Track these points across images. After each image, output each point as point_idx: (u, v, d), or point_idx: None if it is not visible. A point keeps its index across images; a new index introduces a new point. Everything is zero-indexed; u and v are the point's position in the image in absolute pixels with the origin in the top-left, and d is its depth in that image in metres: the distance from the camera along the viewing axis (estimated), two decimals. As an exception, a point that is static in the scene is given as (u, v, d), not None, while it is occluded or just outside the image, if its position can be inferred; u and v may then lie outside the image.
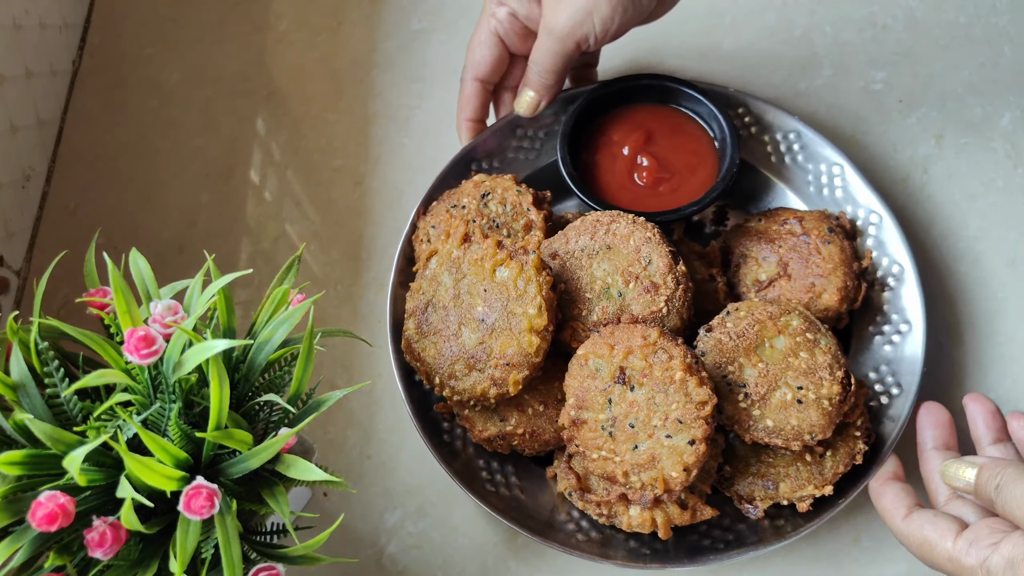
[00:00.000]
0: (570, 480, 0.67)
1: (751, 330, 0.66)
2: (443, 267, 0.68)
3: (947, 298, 0.77)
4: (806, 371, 0.65)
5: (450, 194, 0.76)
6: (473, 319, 0.66)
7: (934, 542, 0.58)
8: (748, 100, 0.79)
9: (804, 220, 0.74)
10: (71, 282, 0.79)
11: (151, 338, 0.50)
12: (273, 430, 0.56)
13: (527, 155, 0.80)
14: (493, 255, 0.66)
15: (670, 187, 0.75)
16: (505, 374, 0.65)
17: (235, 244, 0.84)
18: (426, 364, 0.68)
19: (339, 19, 0.94)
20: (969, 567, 0.56)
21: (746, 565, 0.69)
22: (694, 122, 0.78)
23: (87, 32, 0.95)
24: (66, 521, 0.47)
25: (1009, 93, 0.85)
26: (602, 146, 0.78)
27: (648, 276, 0.66)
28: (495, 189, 0.74)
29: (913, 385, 0.69)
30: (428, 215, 0.75)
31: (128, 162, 0.88)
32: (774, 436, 0.64)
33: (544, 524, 0.68)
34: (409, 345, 0.69)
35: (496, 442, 0.69)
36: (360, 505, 0.73)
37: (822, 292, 0.71)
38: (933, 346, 0.75)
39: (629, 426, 0.62)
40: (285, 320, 0.55)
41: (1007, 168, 0.82)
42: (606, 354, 0.63)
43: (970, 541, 0.57)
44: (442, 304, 0.68)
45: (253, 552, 0.54)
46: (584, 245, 0.68)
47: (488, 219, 0.73)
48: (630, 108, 0.79)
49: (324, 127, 0.88)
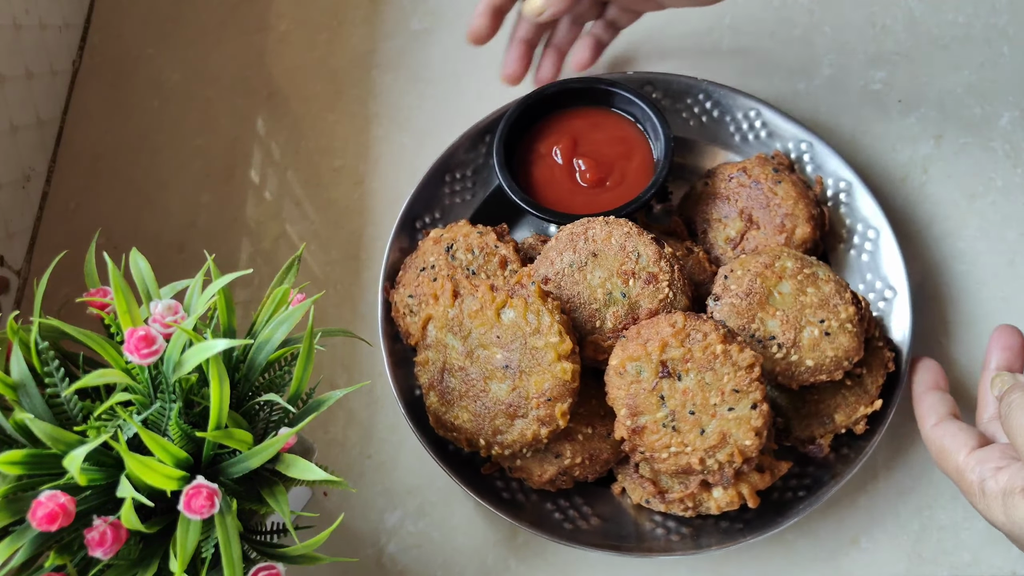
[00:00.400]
0: (645, 488, 0.67)
1: (755, 285, 0.67)
2: (444, 330, 0.66)
3: (947, 297, 0.77)
4: (820, 304, 0.67)
5: (412, 259, 0.75)
6: (496, 369, 0.64)
7: (949, 452, 0.60)
8: (708, 87, 0.81)
9: (747, 169, 0.76)
10: (71, 282, 0.79)
11: (151, 338, 0.51)
12: (273, 430, 0.56)
13: (463, 197, 0.80)
14: (492, 300, 0.64)
15: (615, 179, 0.76)
16: (550, 410, 0.63)
17: (235, 244, 0.84)
18: (464, 431, 0.66)
19: (339, 19, 0.94)
20: (968, 482, 0.58)
21: (746, 565, 0.69)
22: (612, 114, 0.79)
23: (87, 32, 0.95)
24: (66, 521, 0.47)
25: (1008, 93, 0.85)
26: (536, 160, 0.78)
27: (643, 269, 0.66)
28: (456, 238, 0.73)
29: (903, 282, 0.72)
30: (399, 287, 0.74)
31: (128, 162, 0.88)
32: (818, 373, 0.66)
33: (636, 538, 0.67)
34: (438, 419, 0.67)
35: (559, 480, 0.68)
36: (360, 505, 0.73)
37: (794, 228, 0.73)
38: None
39: (689, 414, 0.62)
40: (285, 320, 0.55)
41: (1006, 168, 0.82)
42: (642, 354, 0.63)
43: (979, 460, 0.58)
44: (457, 366, 0.66)
45: (253, 551, 0.55)
46: (571, 260, 0.67)
47: (462, 269, 0.72)
48: (548, 120, 0.79)
49: (324, 127, 0.88)
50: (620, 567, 0.69)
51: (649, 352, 0.62)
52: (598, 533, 0.67)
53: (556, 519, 0.68)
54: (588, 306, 0.66)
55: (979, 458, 0.58)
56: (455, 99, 0.89)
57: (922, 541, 0.69)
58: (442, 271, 0.72)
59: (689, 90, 0.81)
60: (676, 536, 0.67)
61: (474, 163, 0.80)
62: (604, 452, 0.67)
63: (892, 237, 0.74)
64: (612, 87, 0.78)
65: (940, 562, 0.69)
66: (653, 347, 0.62)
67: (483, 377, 0.65)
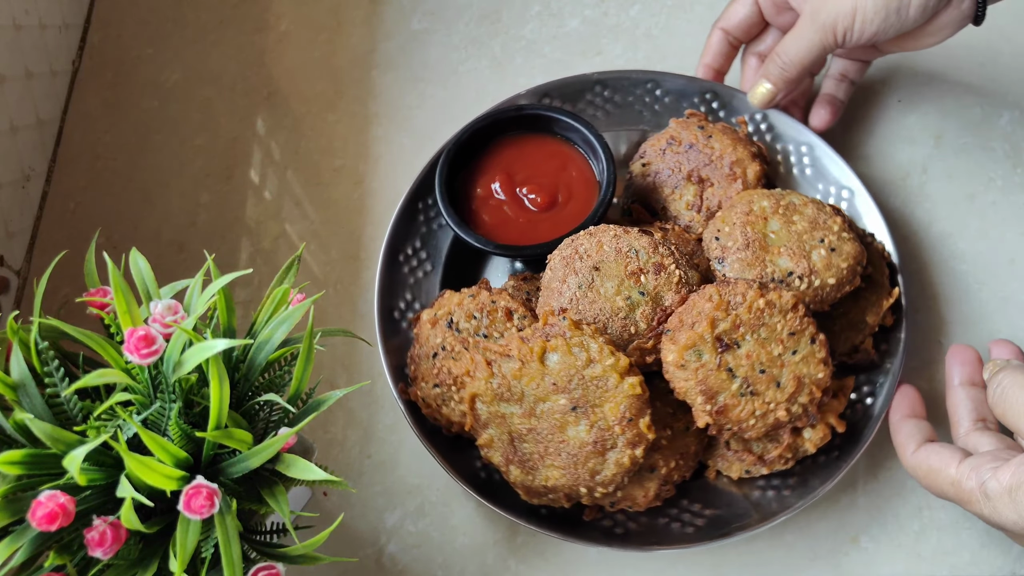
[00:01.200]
0: (744, 460, 0.67)
1: (749, 234, 0.68)
2: (494, 402, 0.63)
3: (947, 297, 0.77)
4: (812, 226, 0.69)
5: (416, 351, 0.71)
6: (566, 415, 0.62)
7: (939, 468, 0.60)
8: (658, 76, 0.82)
9: (674, 136, 0.76)
10: (71, 282, 0.79)
11: (151, 338, 0.51)
12: (273, 430, 0.56)
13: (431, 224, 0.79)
14: (531, 352, 0.62)
15: (565, 195, 0.75)
16: (635, 429, 0.62)
17: (235, 244, 0.84)
18: (559, 488, 0.63)
19: (339, 19, 0.94)
20: (968, 490, 0.57)
21: (746, 564, 0.69)
22: (531, 135, 0.78)
23: (87, 32, 0.95)
24: (66, 520, 0.47)
25: (1008, 93, 0.85)
26: (481, 204, 0.76)
27: (647, 262, 0.66)
28: (451, 311, 0.70)
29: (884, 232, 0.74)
30: (418, 383, 0.70)
31: (128, 162, 0.88)
32: (843, 287, 0.68)
33: (756, 513, 0.67)
34: (528, 488, 0.64)
35: (662, 492, 0.67)
36: (360, 504, 0.73)
37: (744, 170, 0.74)
38: (934, 345, 0.76)
39: (760, 374, 0.63)
40: (285, 320, 0.55)
41: (1006, 168, 0.82)
42: (696, 339, 0.63)
43: (972, 466, 0.58)
44: (525, 430, 0.63)
45: (253, 551, 0.55)
46: (577, 283, 0.66)
47: (472, 337, 0.69)
48: (473, 161, 0.77)
49: (324, 127, 0.88)
50: (620, 566, 0.69)
51: (701, 334, 0.63)
52: (716, 522, 0.67)
53: (674, 529, 0.67)
54: (616, 318, 0.66)
55: (972, 465, 0.58)
56: (455, 99, 0.89)
57: (922, 541, 0.69)
58: (456, 348, 0.69)
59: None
60: (787, 491, 0.68)
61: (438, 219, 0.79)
62: (691, 446, 0.67)
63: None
64: (521, 111, 0.77)
65: (940, 562, 0.69)
66: (702, 328, 0.63)
67: (556, 428, 0.62)
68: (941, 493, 0.61)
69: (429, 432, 0.70)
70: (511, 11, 0.93)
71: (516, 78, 0.89)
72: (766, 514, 0.66)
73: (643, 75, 0.82)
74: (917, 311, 0.77)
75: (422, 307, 0.76)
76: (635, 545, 0.66)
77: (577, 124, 0.76)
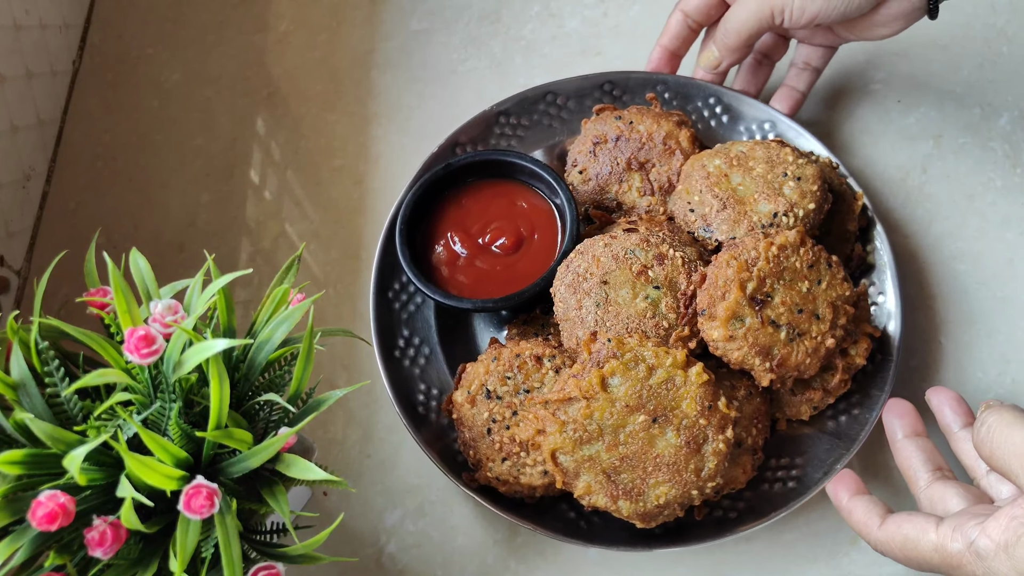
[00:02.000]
0: (811, 399, 0.68)
1: (718, 194, 0.70)
2: (575, 448, 0.61)
3: (946, 297, 0.77)
4: (769, 165, 0.71)
5: (466, 436, 0.68)
6: (649, 430, 0.61)
7: (916, 537, 0.55)
8: (617, 76, 0.82)
9: (595, 137, 0.77)
10: (71, 282, 0.79)
11: (151, 338, 0.51)
12: (273, 429, 0.56)
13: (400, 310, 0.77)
14: (590, 385, 0.61)
15: (528, 230, 0.74)
16: (716, 414, 0.62)
17: (235, 244, 0.84)
18: (671, 502, 0.62)
19: (339, 19, 0.94)
20: (957, 553, 0.52)
21: (745, 564, 0.69)
22: (471, 186, 0.76)
23: (87, 32, 0.95)
24: (66, 520, 0.47)
25: (1007, 93, 0.85)
26: (451, 266, 0.73)
27: (649, 257, 0.66)
28: (484, 382, 0.68)
29: None
30: (483, 464, 0.67)
31: (128, 162, 0.88)
32: (823, 206, 0.70)
33: (840, 442, 0.69)
34: (645, 514, 0.62)
35: (755, 462, 0.67)
36: (360, 504, 0.73)
37: (677, 139, 0.75)
38: (933, 345, 0.76)
39: (799, 313, 0.65)
40: (285, 320, 0.55)
41: (1005, 168, 0.82)
42: (733, 309, 0.64)
43: (953, 526, 0.53)
44: (616, 461, 0.61)
45: (253, 551, 0.55)
46: (594, 302, 0.66)
47: (517, 398, 0.67)
48: (428, 226, 0.75)
49: (324, 127, 0.88)
50: (620, 566, 0.70)
51: (736, 301, 0.64)
52: (801, 484, 0.68)
53: (777, 490, 0.68)
54: (645, 320, 0.65)
55: (953, 525, 0.54)
56: (455, 99, 0.89)
57: (921, 541, 0.69)
58: (507, 415, 0.67)
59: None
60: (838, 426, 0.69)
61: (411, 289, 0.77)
62: (761, 407, 0.68)
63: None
64: (448, 168, 0.75)
65: (939, 562, 0.69)
66: (734, 294, 0.64)
67: (645, 447, 0.61)
68: (923, 563, 0.55)
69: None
70: (511, 11, 0.93)
71: (516, 78, 0.89)
72: (849, 441, 0.68)
73: (539, 91, 0.81)
74: (916, 311, 0.77)
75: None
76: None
77: (505, 158, 0.74)
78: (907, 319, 0.73)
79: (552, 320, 0.72)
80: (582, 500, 0.62)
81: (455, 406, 0.69)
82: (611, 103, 0.81)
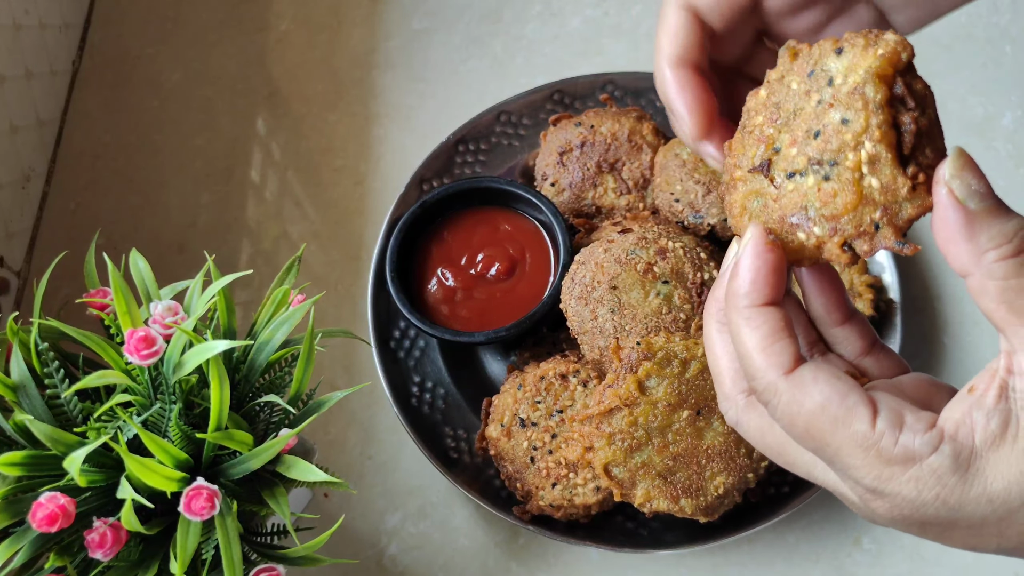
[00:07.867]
0: (846, 252, 0.45)
1: (700, 179, 0.69)
2: (628, 458, 0.60)
3: (947, 297, 0.77)
4: None
5: (512, 467, 0.67)
6: (695, 424, 0.60)
7: (842, 417, 0.39)
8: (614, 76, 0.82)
9: (560, 147, 0.76)
10: (71, 282, 0.79)
11: (151, 339, 0.50)
12: (273, 431, 0.55)
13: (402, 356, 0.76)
14: (628, 392, 0.60)
15: (518, 251, 0.73)
16: None
17: (235, 244, 0.83)
18: (730, 489, 0.61)
19: (339, 19, 0.93)
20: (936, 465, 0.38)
21: (747, 565, 0.69)
22: (452, 218, 0.74)
23: (87, 32, 0.95)
24: (66, 522, 0.47)
25: (1011, 93, 0.84)
26: (448, 302, 0.72)
27: (651, 254, 0.66)
28: (515, 411, 0.67)
29: None
30: (535, 492, 0.65)
31: (128, 162, 0.88)
32: None
33: None
34: (707, 508, 0.61)
35: None
36: (361, 506, 0.73)
37: (641, 134, 0.75)
38: (935, 345, 0.75)
39: (814, 136, 0.46)
40: (285, 321, 0.55)
41: (1008, 168, 0.82)
42: (751, 208, 0.47)
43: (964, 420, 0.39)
44: (669, 461, 0.60)
45: (253, 553, 0.54)
46: (607, 310, 0.65)
47: (552, 418, 0.66)
48: (415, 268, 0.73)
49: (324, 127, 0.88)
50: (621, 568, 0.69)
51: (744, 204, 0.47)
52: None
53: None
54: (663, 317, 0.65)
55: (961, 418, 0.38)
56: (456, 99, 0.89)
57: (924, 542, 0.69)
58: (547, 440, 0.66)
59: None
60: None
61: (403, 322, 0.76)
62: None
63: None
64: (423, 206, 0.73)
65: (942, 563, 0.69)
66: (738, 206, 0.48)
67: (695, 441, 0.60)
68: (824, 457, 0.38)
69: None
70: (512, 11, 0.93)
71: (517, 78, 0.89)
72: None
73: (490, 113, 0.81)
74: (917, 311, 0.77)
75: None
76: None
77: (479, 184, 0.73)
78: (909, 320, 0.73)
79: (561, 336, 0.71)
80: (643, 508, 0.61)
81: (490, 442, 0.68)
82: (564, 112, 0.81)
